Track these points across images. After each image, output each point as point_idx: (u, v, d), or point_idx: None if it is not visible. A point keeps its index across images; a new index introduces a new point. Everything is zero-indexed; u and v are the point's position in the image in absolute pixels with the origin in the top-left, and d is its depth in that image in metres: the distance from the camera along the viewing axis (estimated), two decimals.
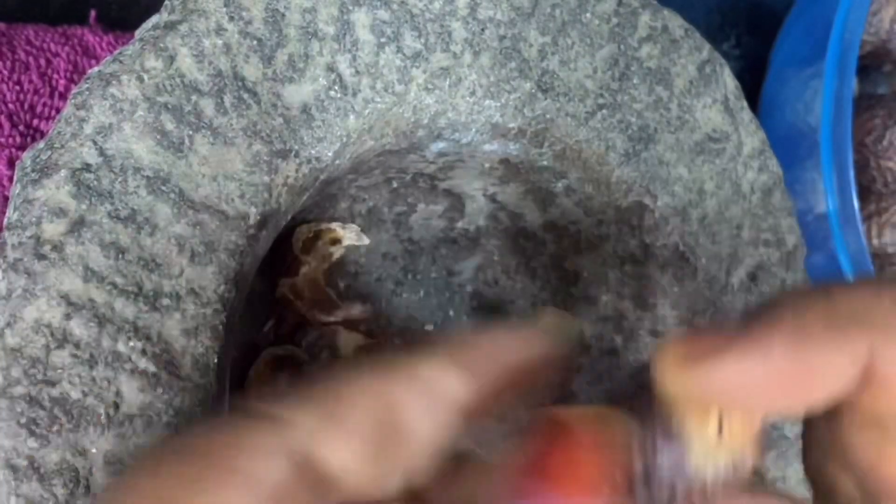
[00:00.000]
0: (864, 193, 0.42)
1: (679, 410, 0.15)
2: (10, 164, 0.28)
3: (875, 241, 0.42)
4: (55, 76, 0.29)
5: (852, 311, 0.14)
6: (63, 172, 0.21)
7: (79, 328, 0.20)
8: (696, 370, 0.14)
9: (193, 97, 0.22)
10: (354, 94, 0.24)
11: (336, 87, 0.24)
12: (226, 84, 0.22)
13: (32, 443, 0.20)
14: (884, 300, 0.14)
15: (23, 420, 0.20)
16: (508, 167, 0.29)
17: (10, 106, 0.28)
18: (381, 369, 0.15)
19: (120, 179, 0.21)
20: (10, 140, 0.28)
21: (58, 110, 0.29)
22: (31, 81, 0.28)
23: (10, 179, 0.28)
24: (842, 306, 0.14)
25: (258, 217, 0.23)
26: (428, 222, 0.34)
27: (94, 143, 0.21)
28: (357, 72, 0.24)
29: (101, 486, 0.20)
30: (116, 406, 0.20)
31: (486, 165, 0.29)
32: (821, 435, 0.16)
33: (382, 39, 0.24)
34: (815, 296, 0.14)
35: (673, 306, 0.30)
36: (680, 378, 0.15)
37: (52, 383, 0.20)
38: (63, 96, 0.29)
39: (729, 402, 0.14)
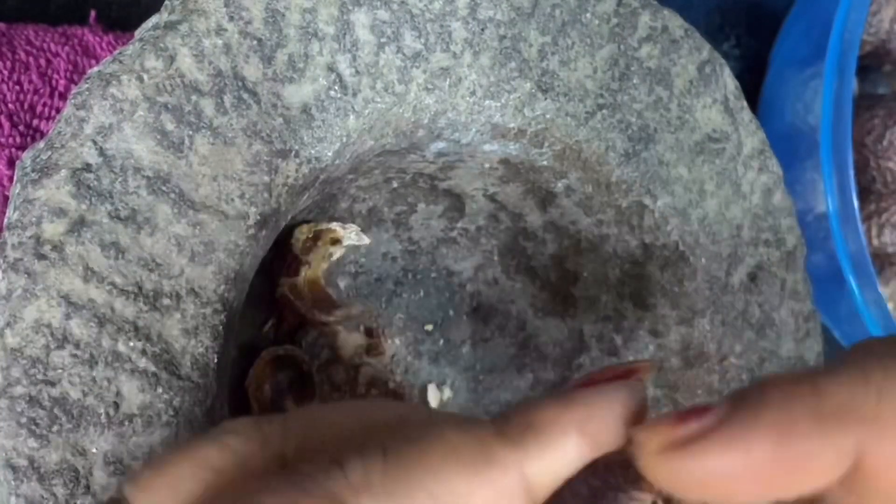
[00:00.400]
0: (864, 193, 0.42)
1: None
2: (11, 163, 0.28)
3: (875, 241, 0.42)
4: (55, 76, 0.29)
5: (839, 404, 0.14)
6: (63, 172, 0.21)
7: (79, 328, 0.20)
8: (677, 460, 0.14)
9: (193, 97, 0.22)
10: (354, 94, 0.24)
11: (336, 87, 0.24)
12: (226, 84, 0.22)
13: (32, 443, 0.20)
14: (871, 390, 0.14)
15: (23, 420, 0.20)
16: (508, 167, 0.29)
17: (10, 106, 0.28)
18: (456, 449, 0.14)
19: (120, 179, 0.21)
20: (10, 140, 0.28)
21: (58, 110, 0.29)
22: (31, 81, 0.28)
23: (11, 179, 0.28)
24: (829, 399, 0.14)
25: (258, 217, 0.23)
26: (428, 222, 0.34)
27: (95, 143, 0.21)
28: (357, 72, 0.24)
29: (101, 485, 0.20)
30: (116, 406, 0.20)
31: (486, 165, 0.29)
32: None
33: (382, 39, 0.24)
34: (802, 385, 0.14)
35: (673, 306, 0.30)
36: (661, 466, 0.14)
37: (52, 383, 0.20)
38: (63, 96, 0.29)
39: (709, 494, 0.14)
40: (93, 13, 0.33)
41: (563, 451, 0.15)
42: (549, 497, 0.15)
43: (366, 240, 0.32)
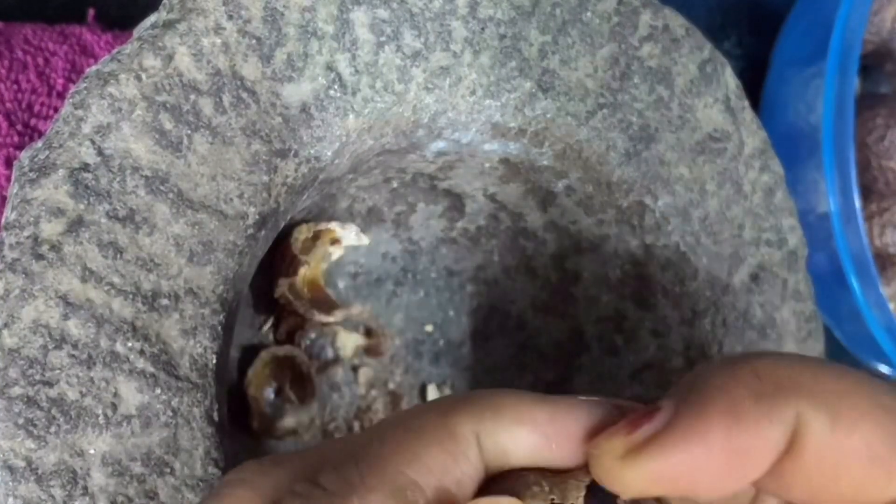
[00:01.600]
0: (866, 193, 0.42)
1: None
2: (8, 163, 0.28)
3: (877, 241, 0.41)
4: (53, 75, 0.29)
5: (778, 379, 0.14)
6: (61, 172, 0.21)
7: (77, 328, 0.20)
8: (639, 463, 0.14)
9: (192, 96, 0.22)
10: (354, 94, 0.24)
11: (335, 87, 0.23)
12: (224, 83, 0.22)
13: (30, 443, 0.20)
14: (807, 368, 0.14)
15: (20, 421, 0.19)
16: (508, 167, 0.29)
17: (8, 105, 0.28)
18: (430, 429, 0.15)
19: (118, 179, 0.21)
20: (9, 139, 0.28)
21: (56, 109, 0.29)
22: (29, 81, 0.28)
23: (8, 179, 0.28)
24: (767, 376, 0.14)
25: (257, 217, 0.23)
26: (428, 222, 0.34)
27: (93, 142, 0.21)
28: (356, 71, 0.24)
29: (99, 486, 0.20)
30: (114, 406, 0.20)
31: (486, 165, 0.29)
32: None
33: (382, 38, 0.24)
34: (741, 367, 0.15)
35: (674, 306, 0.30)
36: (624, 472, 0.15)
37: (50, 384, 0.20)
38: (61, 95, 0.29)
39: (673, 491, 0.15)
40: (91, 12, 0.33)
41: (515, 437, 0.15)
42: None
43: (365, 240, 0.32)
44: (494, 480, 0.16)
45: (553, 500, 0.15)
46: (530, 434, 0.15)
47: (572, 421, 0.16)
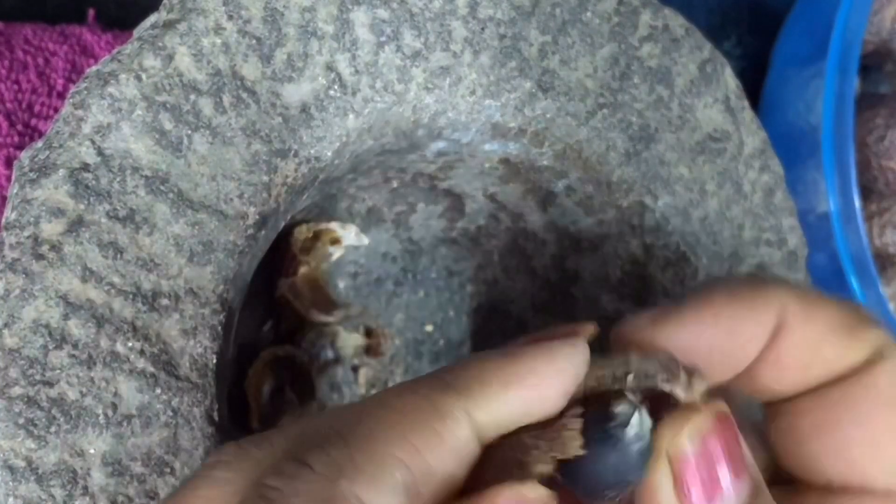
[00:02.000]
0: (866, 193, 0.42)
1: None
2: (9, 163, 0.28)
3: (876, 241, 0.41)
4: (53, 75, 0.29)
5: (770, 279, 0.18)
6: (61, 172, 0.21)
7: (77, 328, 0.20)
8: (660, 329, 0.17)
9: (192, 96, 0.22)
10: (354, 94, 0.24)
11: (335, 87, 0.23)
12: (224, 83, 0.22)
13: (30, 443, 0.20)
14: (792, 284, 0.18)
15: (21, 421, 0.20)
16: (508, 167, 0.29)
17: (9, 105, 0.28)
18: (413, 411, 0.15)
19: (118, 179, 0.21)
20: (9, 139, 0.28)
21: (56, 109, 0.29)
22: (29, 81, 0.28)
23: (9, 179, 0.28)
24: (756, 279, 0.18)
25: (257, 217, 0.23)
26: (428, 222, 0.34)
27: (93, 142, 0.21)
28: (356, 71, 0.24)
29: (99, 486, 0.20)
30: (115, 406, 0.20)
31: (486, 165, 0.29)
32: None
33: (382, 38, 0.24)
34: (738, 277, 0.18)
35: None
36: (640, 335, 0.18)
37: (50, 384, 0.20)
38: (61, 95, 0.29)
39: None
40: (91, 12, 0.33)
41: (506, 401, 0.16)
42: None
43: (365, 240, 0.32)
44: (490, 450, 0.16)
45: (555, 456, 0.15)
46: (519, 394, 0.16)
47: (552, 368, 0.16)
